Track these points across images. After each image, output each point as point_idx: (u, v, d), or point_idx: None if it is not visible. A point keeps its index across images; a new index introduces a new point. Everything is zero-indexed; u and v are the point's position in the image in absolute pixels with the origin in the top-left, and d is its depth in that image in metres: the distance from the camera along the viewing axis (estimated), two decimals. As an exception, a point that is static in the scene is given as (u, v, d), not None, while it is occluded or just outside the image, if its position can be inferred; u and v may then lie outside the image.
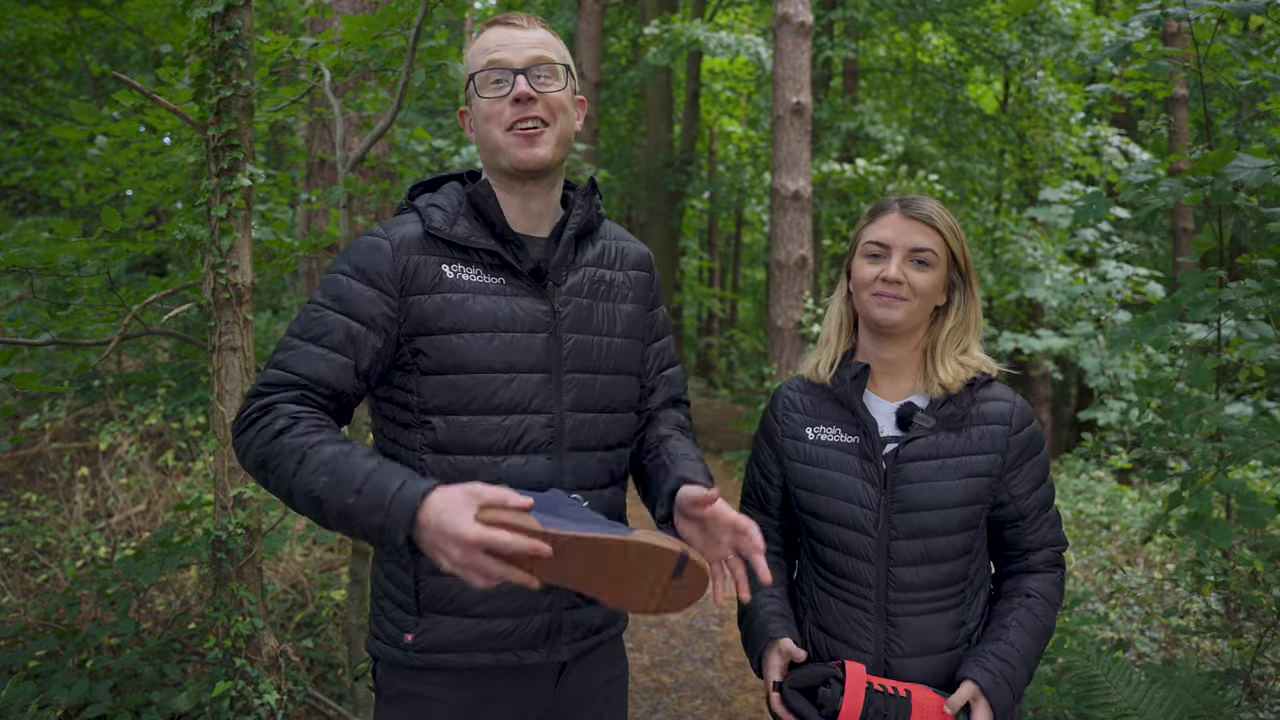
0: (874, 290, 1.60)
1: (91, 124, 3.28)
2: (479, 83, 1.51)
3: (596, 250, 1.62)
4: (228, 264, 2.60)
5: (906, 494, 1.58)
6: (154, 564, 3.09)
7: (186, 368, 6.34)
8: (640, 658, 4.47)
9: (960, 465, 1.58)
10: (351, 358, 1.44)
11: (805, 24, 7.31)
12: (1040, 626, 1.61)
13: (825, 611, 1.67)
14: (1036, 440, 1.64)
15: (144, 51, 9.40)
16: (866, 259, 1.63)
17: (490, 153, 1.53)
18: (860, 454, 1.62)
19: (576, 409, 1.52)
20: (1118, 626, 4.36)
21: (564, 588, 1.30)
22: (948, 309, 1.67)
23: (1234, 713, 2.80)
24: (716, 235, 22.36)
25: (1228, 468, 3.06)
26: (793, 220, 7.31)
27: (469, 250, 1.50)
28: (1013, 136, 11.97)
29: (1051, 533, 1.67)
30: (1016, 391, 1.63)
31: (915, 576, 1.58)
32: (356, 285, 1.46)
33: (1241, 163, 2.99)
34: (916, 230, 1.60)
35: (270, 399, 1.39)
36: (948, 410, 1.60)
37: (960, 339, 1.65)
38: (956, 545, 1.59)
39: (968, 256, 1.66)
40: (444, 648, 1.49)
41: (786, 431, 1.72)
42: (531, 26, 1.54)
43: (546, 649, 1.52)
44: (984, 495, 1.59)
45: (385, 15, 3.10)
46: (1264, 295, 2.81)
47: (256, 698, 2.56)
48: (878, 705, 1.48)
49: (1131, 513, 6.47)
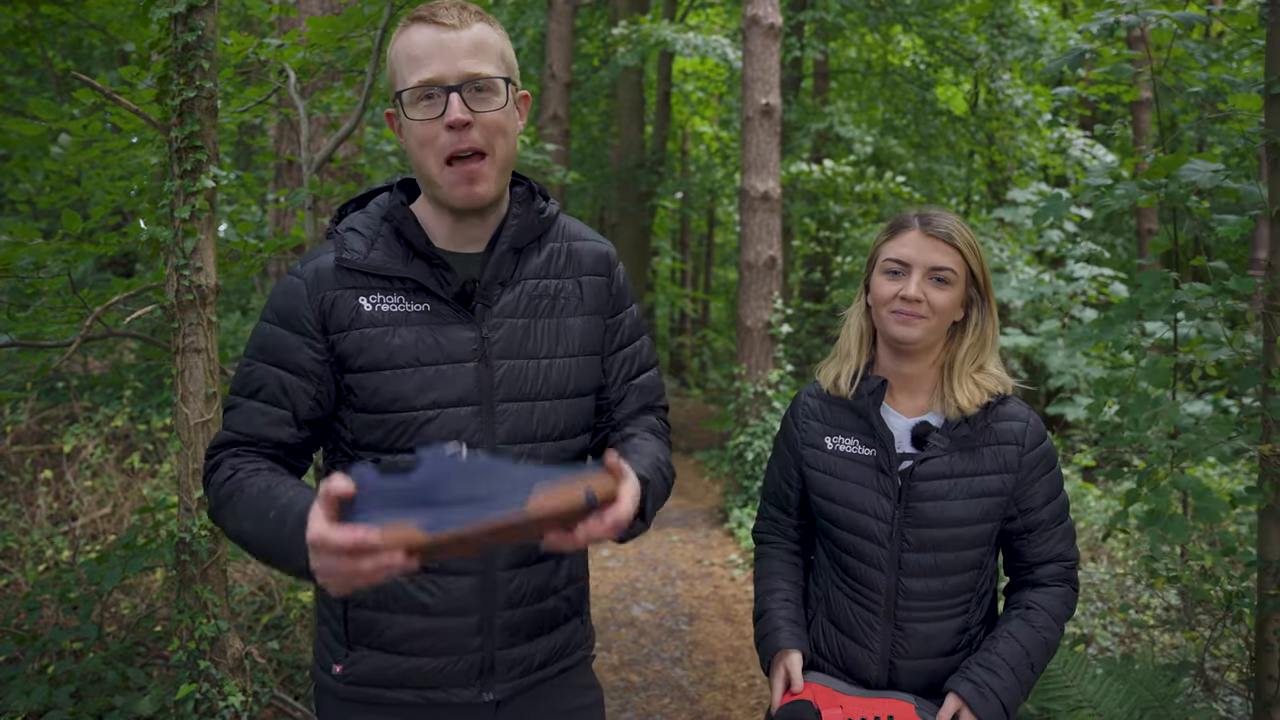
0: (893, 308, 1.62)
1: (51, 120, 3.25)
2: (407, 100, 1.35)
3: (542, 258, 1.49)
4: (191, 266, 2.59)
5: (919, 510, 1.62)
6: (117, 567, 3.07)
7: (152, 369, 6.29)
8: (609, 657, 4.49)
9: (973, 485, 1.62)
10: (289, 408, 1.40)
11: (775, 26, 7.36)
12: (1037, 638, 1.62)
13: (837, 608, 1.72)
14: (1049, 457, 1.67)
15: (108, 49, 9.28)
16: (885, 276, 1.64)
17: (426, 181, 1.40)
18: (877, 467, 1.65)
19: (512, 440, 1.41)
20: (1080, 622, 4.44)
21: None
22: (965, 325, 1.69)
23: (1186, 702, 2.87)
24: (689, 235, 22.41)
25: (1183, 464, 3.13)
26: (762, 221, 7.36)
27: (389, 278, 1.40)
28: (981, 138, 12.11)
29: (1061, 546, 1.69)
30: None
31: (924, 587, 1.63)
32: (279, 332, 1.40)
33: (1194, 166, 3.06)
34: (936, 249, 1.61)
35: (217, 458, 1.40)
36: (962, 432, 1.63)
37: (977, 356, 1.67)
38: (966, 560, 1.64)
39: (986, 273, 1.67)
40: (371, 682, 1.44)
41: (805, 439, 1.76)
42: (464, 24, 1.35)
43: (478, 687, 1.45)
44: (995, 513, 1.64)
45: (350, 17, 3.10)
46: (1214, 296, 2.88)
47: (221, 700, 2.56)
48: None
49: (1095, 510, 6.57)
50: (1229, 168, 3.01)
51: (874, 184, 10.00)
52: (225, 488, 1.35)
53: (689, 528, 7.12)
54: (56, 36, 8.33)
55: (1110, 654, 3.99)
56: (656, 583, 5.72)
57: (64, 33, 8.04)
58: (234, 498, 1.32)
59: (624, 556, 6.37)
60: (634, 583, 5.75)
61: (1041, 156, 11.01)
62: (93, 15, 4.74)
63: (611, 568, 6.05)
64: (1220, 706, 3.15)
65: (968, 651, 1.67)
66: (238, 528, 1.31)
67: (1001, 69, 11.01)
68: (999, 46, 10.73)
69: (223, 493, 1.35)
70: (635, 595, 5.49)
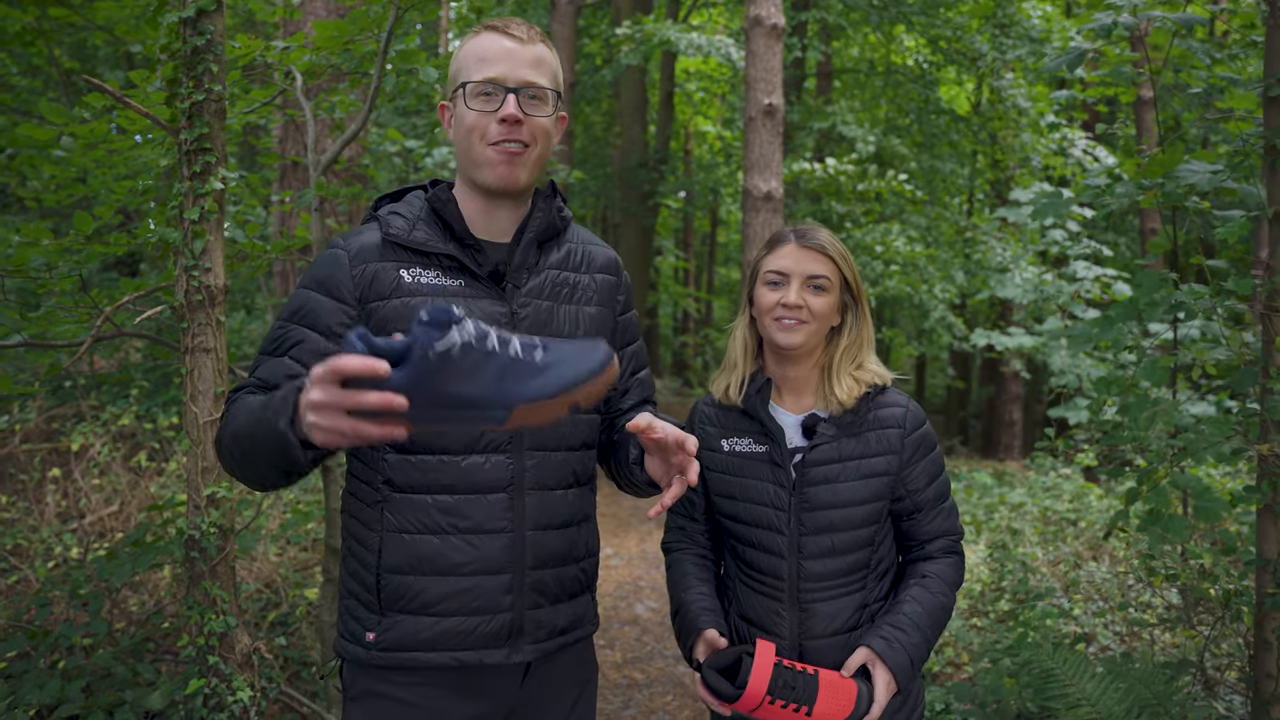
0: (775, 315, 1.75)
1: (61, 124, 3.28)
2: (469, 92, 1.51)
3: (561, 254, 1.65)
4: (200, 266, 2.62)
5: (813, 495, 1.74)
6: (126, 564, 3.11)
7: (159, 368, 6.32)
8: (612, 654, 4.52)
9: (860, 467, 1.75)
10: (311, 365, 1.44)
11: (777, 26, 7.38)
12: (935, 601, 1.75)
13: (746, 603, 1.83)
14: (929, 440, 1.81)
15: (113, 49, 9.32)
16: (767, 286, 1.77)
17: (468, 163, 1.55)
18: (770, 460, 1.77)
19: None
20: (1081, 620, 4.46)
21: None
22: (841, 329, 1.83)
23: (1185, 700, 2.89)
24: (692, 235, 22.44)
25: (1183, 464, 3.15)
26: (765, 221, 7.37)
27: (428, 255, 1.53)
28: (984, 138, 12.12)
29: (946, 523, 1.83)
30: (985, 389, 1.82)
31: (823, 567, 1.75)
32: (315, 297, 1.50)
33: (1192, 167, 3.08)
34: (811, 259, 1.75)
35: (233, 397, 1.47)
36: (847, 419, 1.77)
37: (855, 355, 1.81)
38: (860, 538, 1.76)
39: (858, 280, 1.82)
40: (404, 646, 1.50)
41: (704, 444, 1.86)
42: (531, 41, 1.54)
43: (508, 649, 1.53)
44: (883, 492, 1.76)
45: (356, 20, 3.13)
46: (1212, 297, 2.90)
47: (230, 695, 2.59)
48: (786, 679, 1.60)
49: (1097, 509, 6.59)
50: (1231, 168, 3.02)
51: (876, 183, 10.00)
52: (230, 410, 1.42)
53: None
54: (63, 37, 8.37)
55: (1111, 652, 4.01)
56: (659, 580, 5.75)
57: (70, 33, 8.07)
58: (234, 408, 1.41)
59: (627, 554, 6.40)
60: (637, 580, 5.78)
61: (1044, 157, 11.02)
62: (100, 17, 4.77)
63: (615, 565, 6.08)
64: (1220, 705, 3.17)
65: (869, 626, 1.77)
66: (233, 428, 1.36)
67: (1005, 69, 11.02)
68: (1001, 46, 10.73)
69: (228, 414, 1.42)
70: (638, 593, 5.52)
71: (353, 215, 5.64)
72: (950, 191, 12.74)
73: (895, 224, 10.67)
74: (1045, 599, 4.57)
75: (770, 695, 1.58)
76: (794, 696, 1.59)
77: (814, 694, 1.60)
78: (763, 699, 1.58)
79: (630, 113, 12.97)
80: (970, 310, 12.72)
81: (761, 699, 1.58)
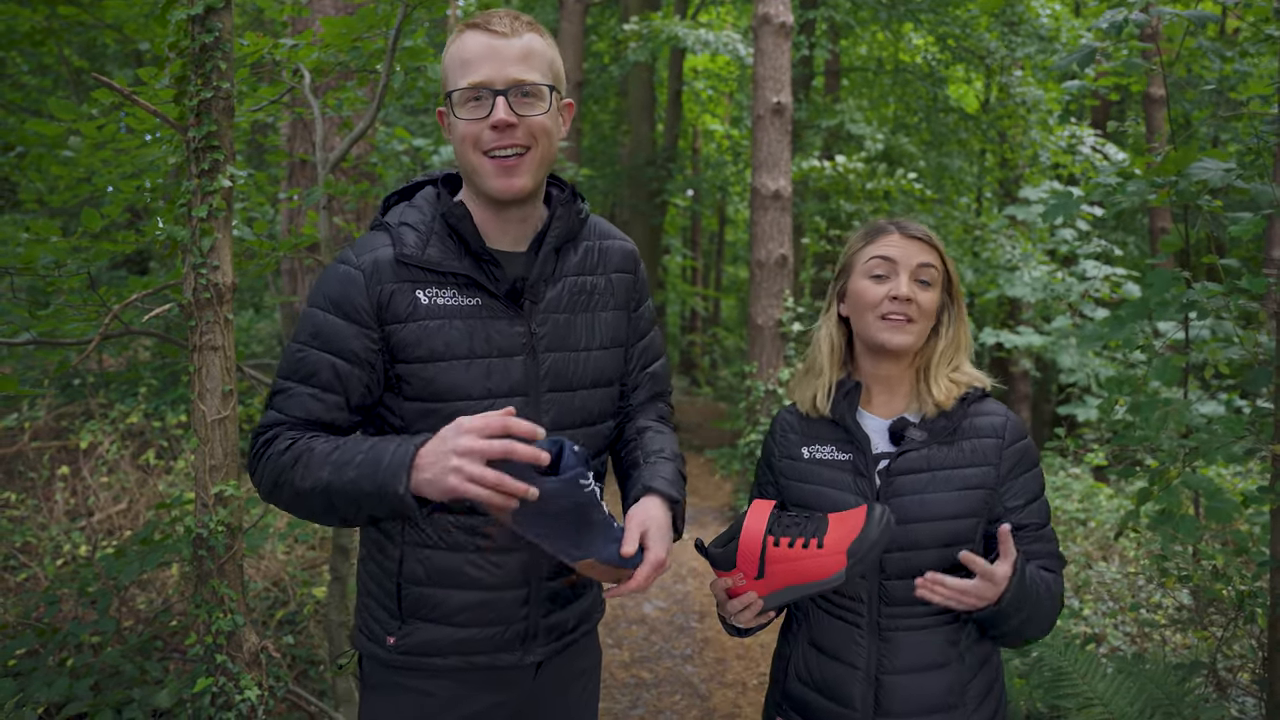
0: (882, 311, 1.59)
1: (70, 121, 3.28)
2: (456, 100, 1.43)
3: (578, 256, 1.59)
4: (208, 264, 2.61)
5: (898, 506, 1.56)
6: (135, 562, 3.10)
7: (167, 366, 6.33)
8: (620, 654, 4.51)
9: (952, 478, 1.57)
10: (341, 394, 1.46)
11: (786, 24, 7.36)
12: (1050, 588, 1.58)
13: (819, 629, 1.66)
14: (1030, 455, 1.63)
15: (121, 48, 9.33)
16: (870, 279, 1.61)
17: (466, 173, 1.50)
18: (854, 470, 1.61)
19: (555, 428, 1.52)
20: (1091, 621, 4.44)
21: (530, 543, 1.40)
22: (938, 329, 1.67)
23: (1197, 702, 2.86)
24: (700, 233, 22.40)
25: (1195, 464, 3.12)
26: (773, 219, 7.36)
27: (443, 273, 1.47)
28: (993, 136, 12.07)
29: (1046, 548, 1.63)
30: (994, 391, 1.67)
31: (906, 590, 1.56)
32: (334, 320, 1.45)
33: (1205, 165, 3.05)
34: (919, 249, 1.61)
35: (270, 434, 1.45)
36: (940, 424, 1.60)
37: (952, 357, 1.65)
38: (951, 558, 1.55)
39: (957, 278, 1.68)
40: (422, 651, 1.53)
41: (783, 452, 1.72)
42: (516, 33, 1.42)
43: (521, 652, 1.56)
44: (978, 508, 1.58)
45: (365, 17, 3.12)
46: (1226, 295, 2.87)
47: (238, 694, 2.58)
48: (786, 520, 1.52)
49: (1107, 509, 6.55)
50: (1243, 165, 3.00)
51: (885, 181, 9.97)
52: (290, 453, 1.40)
53: (699, 525, 7.13)
54: (72, 36, 8.39)
55: (1121, 653, 3.98)
56: (667, 580, 5.74)
57: (79, 32, 8.09)
58: (304, 457, 1.39)
59: (635, 554, 6.38)
60: (645, 580, 5.76)
61: (1053, 155, 10.97)
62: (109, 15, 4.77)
63: (622, 565, 6.07)
64: (1232, 707, 3.15)
65: (959, 667, 1.59)
66: (313, 480, 1.37)
67: (1013, 66, 10.97)
68: (1010, 44, 10.69)
69: (286, 458, 1.40)
70: (646, 592, 5.51)
71: (360, 213, 5.63)
72: (959, 190, 12.69)
73: (904, 221, 10.61)
74: (1055, 599, 4.54)
75: (772, 536, 1.49)
76: (799, 530, 1.48)
77: (823, 527, 1.48)
78: (763, 540, 1.48)
79: (638, 111, 12.94)
80: (978, 309, 12.67)
81: (762, 541, 1.48)
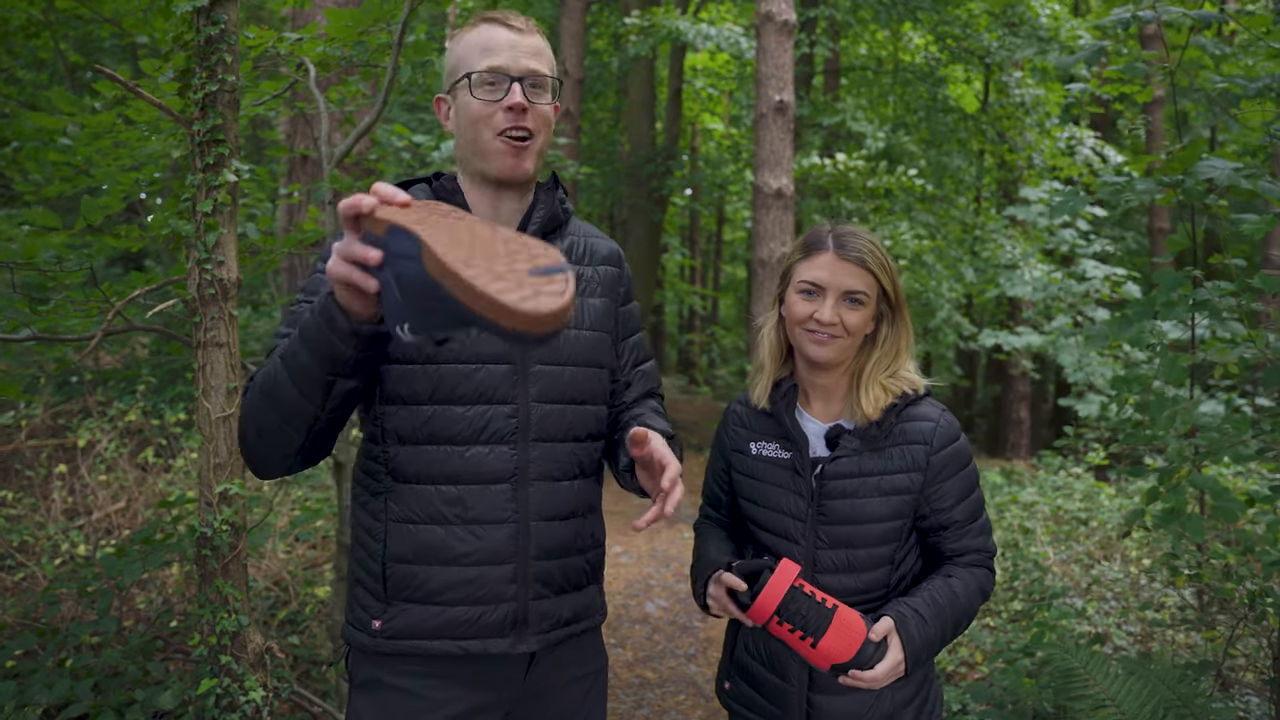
0: (808, 328, 1.67)
1: (71, 113, 3.25)
2: (474, 82, 1.52)
3: (564, 246, 1.66)
4: (213, 260, 2.59)
5: (831, 508, 1.68)
6: (136, 561, 3.07)
7: (166, 364, 6.30)
8: (623, 653, 4.49)
9: (881, 484, 1.68)
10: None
11: (789, 22, 7.33)
12: (957, 602, 1.66)
13: None
14: (959, 457, 1.71)
15: (119, 42, 9.29)
16: (800, 296, 1.69)
17: (473, 154, 1.56)
18: (792, 469, 1.72)
19: (543, 400, 1.55)
20: (1095, 620, 4.42)
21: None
22: (875, 338, 1.74)
23: (1206, 703, 2.85)
24: (698, 232, 22.39)
25: (1201, 464, 3.11)
26: (775, 218, 7.33)
27: None
28: (993, 135, 12.07)
29: (977, 541, 1.74)
30: (991, 387, 1.72)
31: (838, 583, 1.69)
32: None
33: (1213, 164, 3.04)
34: (849, 273, 1.65)
35: (254, 374, 1.48)
36: (871, 431, 1.69)
37: (888, 365, 1.72)
38: (879, 556, 1.69)
39: (898, 288, 1.72)
40: (409, 634, 1.52)
41: (733, 445, 1.84)
42: (529, 32, 1.57)
43: (512, 638, 1.54)
44: (904, 511, 1.69)
45: (370, 10, 3.09)
46: (1236, 295, 2.86)
47: (242, 695, 2.56)
48: (799, 605, 1.55)
49: (1109, 508, 6.55)
50: (1246, 165, 2.98)
51: (886, 179, 9.97)
52: (254, 378, 1.43)
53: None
54: (69, 31, 8.34)
55: (1126, 652, 3.97)
56: (669, 579, 5.72)
57: (76, 26, 8.05)
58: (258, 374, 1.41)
59: (636, 553, 6.37)
60: (646, 579, 5.74)
61: (1050, 157, 10.97)
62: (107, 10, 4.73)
63: (624, 564, 6.05)
64: (1238, 706, 3.14)
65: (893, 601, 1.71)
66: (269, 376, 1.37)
67: (1012, 66, 10.98)
68: (1008, 44, 10.69)
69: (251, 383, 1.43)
70: (648, 592, 5.49)
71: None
72: (958, 189, 12.70)
73: (904, 219, 10.63)
74: (1060, 598, 4.53)
75: (778, 616, 1.54)
76: (802, 624, 1.54)
77: (824, 628, 1.54)
78: (770, 616, 1.54)
79: (638, 109, 12.91)
80: (977, 309, 12.68)
81: (770, 616, 1.54)
